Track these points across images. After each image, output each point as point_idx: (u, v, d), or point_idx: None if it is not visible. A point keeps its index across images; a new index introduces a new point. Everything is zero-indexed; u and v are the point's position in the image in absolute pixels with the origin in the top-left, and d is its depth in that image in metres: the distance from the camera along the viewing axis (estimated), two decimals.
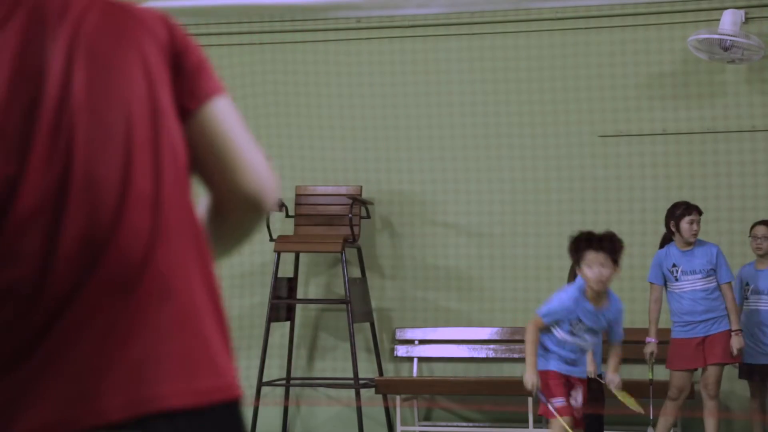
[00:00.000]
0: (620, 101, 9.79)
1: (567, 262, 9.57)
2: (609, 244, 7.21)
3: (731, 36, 9.03)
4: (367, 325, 10.04)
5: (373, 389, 9.76)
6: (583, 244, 7.28)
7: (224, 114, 2.05)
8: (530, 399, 9.25)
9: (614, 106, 9.80)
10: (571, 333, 7.28)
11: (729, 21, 9.10)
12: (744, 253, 9.28)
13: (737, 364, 8.75)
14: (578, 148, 9.89)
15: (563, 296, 7.35)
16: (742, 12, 9.25)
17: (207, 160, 2.03)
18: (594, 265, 7.14)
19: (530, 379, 7.20)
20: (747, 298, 8.69)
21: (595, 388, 8.67)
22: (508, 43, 10.01)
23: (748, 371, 8.70)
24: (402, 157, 10.16)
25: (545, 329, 7.32)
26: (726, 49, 9.11)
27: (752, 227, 8.81)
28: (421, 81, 10.14)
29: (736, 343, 8.49)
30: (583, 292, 7.25)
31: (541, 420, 9.47)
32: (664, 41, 9.69)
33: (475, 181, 10.06)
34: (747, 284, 8.69)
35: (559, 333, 7.31)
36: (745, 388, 9.06)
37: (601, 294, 7.25)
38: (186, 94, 2.02)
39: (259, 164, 2.06)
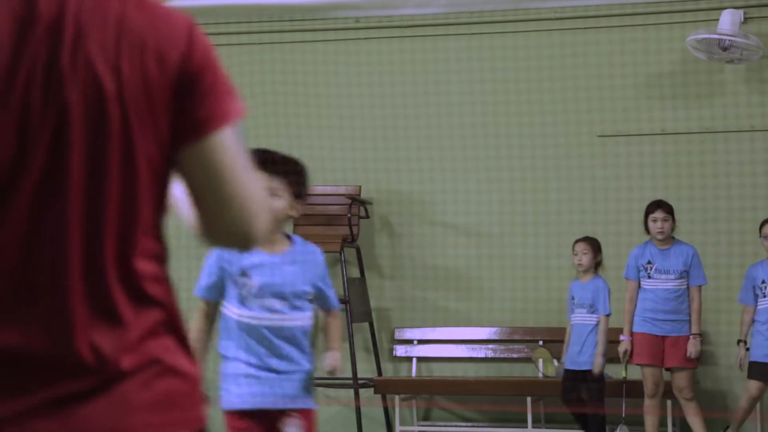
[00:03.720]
0: (619, 101, 9.79)
1: (567, 261, 9.59)
2: (279, 168, 4.83)
3: (730, 36, 9.02)
4: (366, 324, 10.03)
5: (371, 389, 9.76)
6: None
7: (224, 149, 1.95)
8: (529, 399, 9.25)
9: (613, 106, 9.80)
10: (242, 299, 4.77)
11: (728, 21, 9.09)
12: (743, 253, 9.28)
13: (744, 363, 8.71)
14: (578, 148, 9.89)
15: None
16: (740, 12, 9.24)
17: (200, 192, 1.97)
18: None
19: None
20: (765, 296, 8.64)
21: (594, 387, 8.68)
22: (507, 43, 10.00)
23: (760, 371, 8.56)
24: (401, 157, 10.16)
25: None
26: (725, 49, 9.10)
27: (761, 226, 8.73)
28: (420, 81, 10.14)
29: (692, 346, 8.52)
30: None
31: (540, 420, 9.49)
32: (663, 41, 9.68)
33: (474, 181, 10.06)
34: (763, 282, 8.64)
35: (229, 309, 4.83)
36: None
37: (272, 233, 4.79)
38: (187, 120, 1.94)
39: (253, 202, 1.98)
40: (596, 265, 8.80)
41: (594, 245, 8.82)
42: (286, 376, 4.79)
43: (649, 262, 8.61)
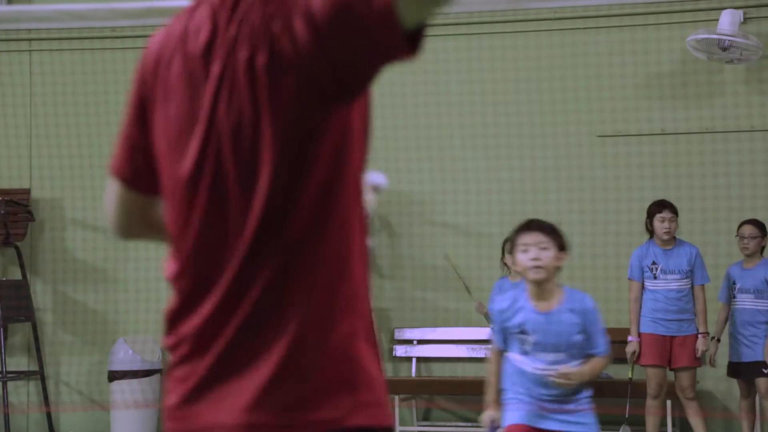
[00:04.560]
0: (619, 101, 9.79)
1: (565, 261, 9.58)
2: (543, 225, 5.55)
3: (730, 36, 9.03)
4: None
5: None
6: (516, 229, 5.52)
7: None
8: None
9: (613, 106, 9.80)
10: (524, 351, 5.37)
11: (727, 21, 9.10)
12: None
13: (725, 363, 8.78)
14: (577, 148, 9.89)
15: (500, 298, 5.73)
16: (740, 12, 9.25)
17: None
18: (527, 248, 5.38)
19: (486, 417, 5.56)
20: (734, 297, 8.71)
21: None
22: (507, 43, 10.00)
23: (734, 369, 8.70)
24: (401, 157, 10.16)
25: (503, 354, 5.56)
26: (724, 49, 9.11)
27: (739, 226, 8.81)
28: (420, 81, 10.14)
29: (701, 345, 8.58)
30: (523, 290, 5.47)
31: None
32: (663, 41, 9.69)
33: (474, 181, 10.06)
34: (734, 283, 8.71)
35: (512, 356, 5.44)
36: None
37: (543, 287, 5.38)
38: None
39: None
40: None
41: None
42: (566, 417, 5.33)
43: (654, 263, 8.62)
